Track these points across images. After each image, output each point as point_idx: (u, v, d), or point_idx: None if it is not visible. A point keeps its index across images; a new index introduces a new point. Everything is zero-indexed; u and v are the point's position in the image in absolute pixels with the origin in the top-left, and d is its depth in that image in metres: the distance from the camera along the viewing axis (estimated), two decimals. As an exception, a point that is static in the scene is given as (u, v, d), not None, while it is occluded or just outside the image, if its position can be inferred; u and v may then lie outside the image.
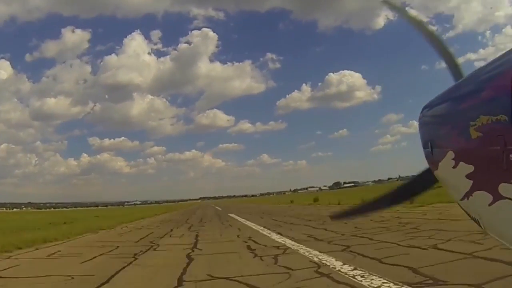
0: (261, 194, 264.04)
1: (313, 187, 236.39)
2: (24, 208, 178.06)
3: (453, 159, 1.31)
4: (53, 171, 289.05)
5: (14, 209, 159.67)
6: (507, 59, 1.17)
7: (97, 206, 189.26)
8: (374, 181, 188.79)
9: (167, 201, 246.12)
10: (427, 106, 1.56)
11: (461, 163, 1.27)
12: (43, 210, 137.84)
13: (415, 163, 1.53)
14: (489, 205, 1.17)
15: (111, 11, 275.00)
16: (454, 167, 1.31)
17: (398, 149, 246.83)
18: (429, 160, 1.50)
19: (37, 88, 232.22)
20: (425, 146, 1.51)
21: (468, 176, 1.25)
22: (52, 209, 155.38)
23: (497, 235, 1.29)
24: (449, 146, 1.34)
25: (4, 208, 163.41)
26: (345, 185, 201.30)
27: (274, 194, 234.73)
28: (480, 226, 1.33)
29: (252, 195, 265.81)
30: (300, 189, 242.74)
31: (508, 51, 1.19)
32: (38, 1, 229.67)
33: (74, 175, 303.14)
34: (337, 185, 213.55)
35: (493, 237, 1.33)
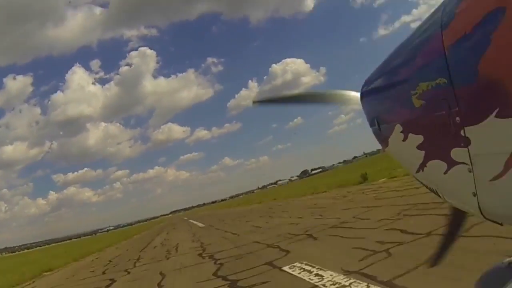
0: (231, 197, 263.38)
1: (281, 180, 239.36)
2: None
3: (401, 132, 1.26)
4: (24, 213, 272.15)
5: None
6: (434, 20, 1.13)
7: (70, 239, 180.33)
8: (340, 163, 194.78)
9: (139, 221, 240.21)
10: (366, 82, 1.51)
11: (410, 134, 1.22)
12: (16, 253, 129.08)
13: (374, 138, 1.46)
14: (445, 173, 1.13)
15: (46, 51, 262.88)
16: (404, 140, 1.25)
17: (354, 127, 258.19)
18: (378, 137, 1.44)
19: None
20: (371, 124, 1.45)
21: (419, 147, 1.20)
22: (26, 250, 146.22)
23: (456, 202, 1.25)
24: (395, 119, 1.29)
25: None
26: (313, 171, 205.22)
27: (243, 195, 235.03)
28: (439, 196, 1.29)
29: (222, 200, 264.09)
30: (268, 185, 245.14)
31: (434, 11, 1.15)
32: None
33: (45, 213, 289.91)
34: (305, 173, 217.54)
35: (453, 205, 1.30)
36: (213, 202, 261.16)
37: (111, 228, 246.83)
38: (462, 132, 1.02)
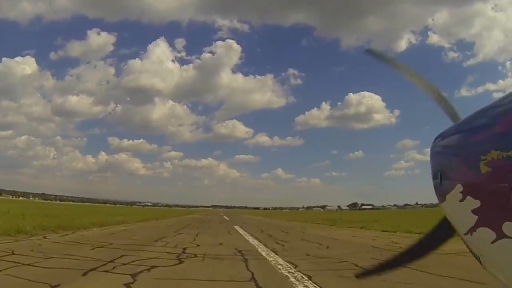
0: (274, 208, 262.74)
1: (328, 205, 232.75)
2: (31, 198, 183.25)
3: (461, 192, 1.30)
4: (70, 166, 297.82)
5: (20, 198, 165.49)
6: None
7: (105, 203, 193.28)
8: (390, 205, 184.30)
9: (177, 205, 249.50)
10: (440, 136, 1.56)
11: (468, 197, 1.27)
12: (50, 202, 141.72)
13: (426, 192, 1.53)
14: (492, 242, 1.17)
15: (136, 16, 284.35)
16: (461, 201, 1.30)
17: (411, 176, 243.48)
18: (437, 191, 1.50)
19: (60, 86, 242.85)
20: (434, 177, 1.51)
21: (474, 211, 1.24)
22: (59, 202, 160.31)
23: (497, 273, 1.27)
24: (458, 178, 1.34)
25: (10, 196, 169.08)
26: (364, 206, 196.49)
27: (287, 210, 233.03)
28: (481, 263, 1.31)
29: (264, 208, 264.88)
30: (314, 207, 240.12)
31: None
32: (65, 2, 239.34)
33: (90, 171, 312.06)
34: (354, 205, 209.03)
35: (493, 275, 1.32)
36: (255, 208, 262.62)
37: (149, 204, 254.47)
38: None
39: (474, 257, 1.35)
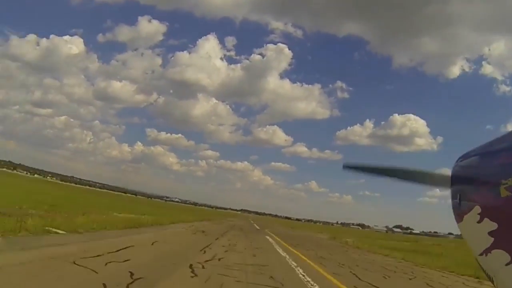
0: (307, 220, 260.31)
1: (373, 226, 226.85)
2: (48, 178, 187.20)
3: (479, 214, 1.37)
4: (105, 152, 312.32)
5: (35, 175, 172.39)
6: None
7: (135, 195, 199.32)
8: (422, 233, 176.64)
9: (205, 205, 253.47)
10: (462, 157, 1.61)
11: (486, 219, 1.34)
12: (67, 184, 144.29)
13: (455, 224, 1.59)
14: (506, 265, 1.24)
15: (189, 7, 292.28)
16: (478, 222, 1.37)
17: (444, 206, 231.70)
18: (455, 211, 1.56)
19: (105, 70, 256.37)
20: (453, 197, 1.57)
21: (490, 233, 1.31)
22: (88, 187, 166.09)
23: None
24: (477, 200, 1.41)
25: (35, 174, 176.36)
26: (413, 231, 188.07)
27: (321, 223, 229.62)
28: (493, 284, 1.37)
29: (297, 219, 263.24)
30: (351, 224, 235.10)
31: None
32: None
33: (124, 161, 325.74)
34: (399, 227, 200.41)
35: None
36: (286, 218, 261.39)
37: (178, 200, 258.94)
38: None
39: (487, 277, 1.41)
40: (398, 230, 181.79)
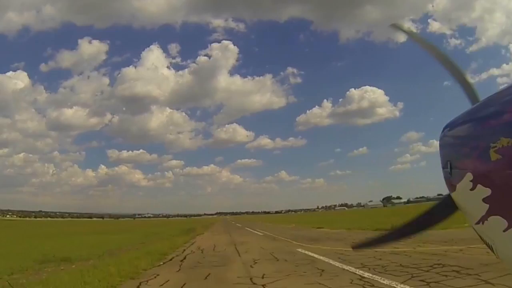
0: (287, 211, 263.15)
1: (344, 204, 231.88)
2: (33, 217, 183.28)
3: (471, 181, 1.36)
4: (70, 181, 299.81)
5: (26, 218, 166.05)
6: None
7: (111, 217, 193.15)
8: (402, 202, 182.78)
9: (178, 215, 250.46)
10: (449, 125, 1.61)
11: (479, 185, 1.32)
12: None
13: (433, 184, 1.57)
14: (504, 231, 1.22)
15: (126, 20, 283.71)
16: (471, 190, 1.35)
17: (417, 169, 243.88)
18: (447, 181, 1.55)
19: (54, 99, 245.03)
20: (444, 166, 1.56)
21: (484, 200, 1.29)
22: (61, 219, 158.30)
23: (510, 262, 1.32)
24: (468, 167, 1.39)
25: (15, 216, 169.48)
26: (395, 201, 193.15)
27: (302, 212, 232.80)
28: (493, 252, 1.37)
29: (276, 212, 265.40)
30: (333, 206, 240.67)
31: None
32: (50, 10, 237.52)
33: (91, 186, 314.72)
34: (388, 199, 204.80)
35: (506, 264, 1.37)
36: (265, 213, 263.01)
37: (150, 215, 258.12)
38: None
39: (486, 245, 1.40)
40: (400, 201, 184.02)
